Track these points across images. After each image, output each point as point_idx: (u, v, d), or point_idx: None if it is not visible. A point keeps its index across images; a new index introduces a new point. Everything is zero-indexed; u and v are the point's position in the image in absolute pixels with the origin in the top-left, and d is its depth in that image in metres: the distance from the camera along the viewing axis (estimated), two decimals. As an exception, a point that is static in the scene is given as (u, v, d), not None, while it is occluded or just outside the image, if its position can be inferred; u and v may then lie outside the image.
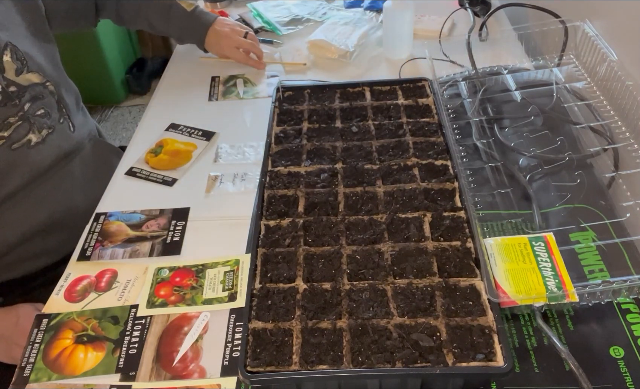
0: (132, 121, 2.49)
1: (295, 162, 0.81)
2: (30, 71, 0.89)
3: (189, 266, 0.76)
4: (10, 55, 0.85)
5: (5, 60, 0.85)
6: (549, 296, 0.61)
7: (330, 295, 0.63)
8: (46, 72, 0.92)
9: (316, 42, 1.17)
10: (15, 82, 0.86)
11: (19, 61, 0.87)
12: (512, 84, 0.93)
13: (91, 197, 0.90)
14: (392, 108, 0.90)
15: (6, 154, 0.85)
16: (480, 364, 0.55)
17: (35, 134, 0.88)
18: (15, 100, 0.86)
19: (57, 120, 0.92)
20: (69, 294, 0.74)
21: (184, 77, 1.19)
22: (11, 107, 0.85)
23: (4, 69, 0.85)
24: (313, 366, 0.57)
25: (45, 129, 0.90)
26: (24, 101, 0.87)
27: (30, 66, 0.88)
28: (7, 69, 0.85)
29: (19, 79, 0.87)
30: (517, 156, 0.83)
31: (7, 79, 0.85)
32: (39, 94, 0.90)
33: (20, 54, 0.87)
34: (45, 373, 0.65)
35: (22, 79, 0.87)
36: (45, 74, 0.91)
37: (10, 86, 0.85)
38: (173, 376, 0.63)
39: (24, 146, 0.87)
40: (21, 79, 0.87)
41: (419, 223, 0.70)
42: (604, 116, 0.84)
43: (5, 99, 0.85)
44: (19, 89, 0.87)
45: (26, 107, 0.87)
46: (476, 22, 1.11)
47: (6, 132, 0.85)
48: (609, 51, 0.86)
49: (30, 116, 0.88)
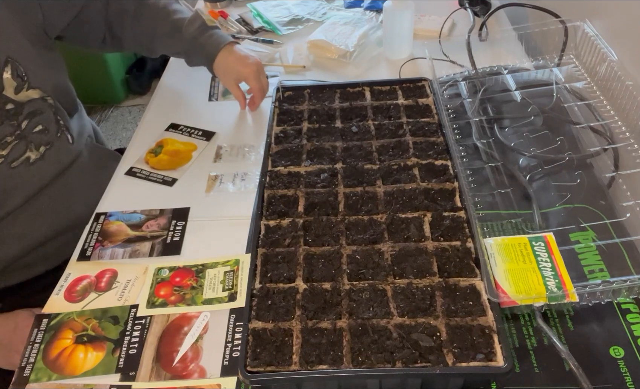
0: (132, 121, 2.49)
1: (295, 162, 0.81)
2: (31, 88, 0.86)
3: (189, 266, 0.76)
4: (10, 72, 0.82)
5: (5, 78, 0.82)
6: (549, 296, 0.61)
7: (330, 295, 0.63)
8: (47, 87, 0.89)
9: (316, 42, 1.17)
10: (14, 100, 0.84)
11: (19, 78, 0.84)
12: (512, 84, 0.93)
13: (91, 203, 0.89)
14: (392, 108, 0.90)
15: (6, 173, 0.84)
16: (480, 364, 0.55)
17: (33, 151, 0.86)
18: (12, 119, 0.84)
19: (55, 134, 0.90)
20: (69, 294, 0.74)
21: (184, 77, 1.18)
22: (8, 126, 0.83)
23: (4, 87, 0.82)
24: (313, 366, 0.57)
25: (44, 146, 0.88)
26: (21, 119, 0.85)
27: (31, 82, 0.86)
28: (7, 86, 0.82)
29: (18, 96, 0.84)
30: (517, 156, 0.83)
31: (5, 97, 0.82)
32: (37, 109, 0.87)
33: (20, 70, 0.84)
34: (45, 373, 0.65)
35: (22, 96, 0.85)
36: (46, 89, 0.88)
37: (8, 104, 0.83)
38: (173, 376, 0.63)
39: (24, 164, 0.85)
40: (20, 96, 0.85)
41: (419, 223, 0.70)
42: (604, 116, 0.84)
43: (2, 118, 0.82)
44: (16, 106, 0.84)
45: (23, 125, 0.85)
46: (476, 22, 1.11)
47: (4, 151, 0.83)
48: (609, 51, 0.86)
49: (27, 134, 0.86)
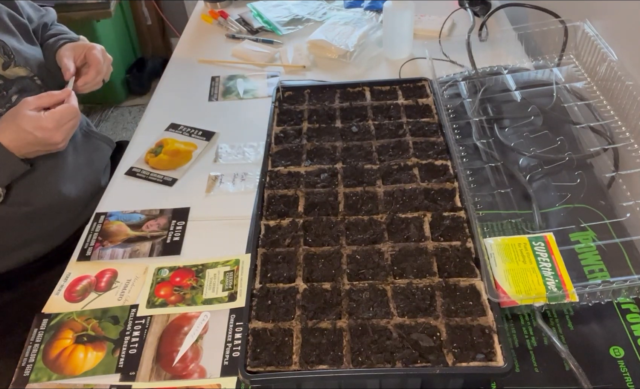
0: (132, 121, 2.49)
1: (295, 162, 0.81)
2: (18, 65, 0.88)
3: (189, 266, 0.76)
4: None
5: None
6: (549, 296, 0.61)
7: (330, 295, 0.63)
8: (33, 68, 0.91)
9: (316, 42, 1.17)
10: (2, 76, 0.86)
11: (7, 55, 0.87)
12: (512, 84, 0.93)
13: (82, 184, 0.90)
14: (392, 108, 0.90)
15: None
16: (480, 364, 0.55)
17: None
18: (2, 92, 0.86)
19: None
20: (69, 294, 0.74)
21: (184, 77, 1.19)
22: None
23: None
24: (313, 366, 0.57)
25: None
26: (11, 93, 0.87)
27: (17, 61, 0.88)
28: None
29: (6, 72, 0.87)
30: (517, 156, 0.83)
31: None
32: (26, 86, 0.90)
33: (8, 48, 0.87)
34: (45, 373, 0.65)
35: (9, 72, 0.87)
36: (33, 69, 0.91)
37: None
38: (173, 376, 0.63)
39: None
40: (8, 72, 0.87)
41: (419, 223, 0.70)
42: (604, 116, 0.84)
43: None
44: (5, 81, 0.87)
45: (14, 99, 0.87)
46: (476, 22, 1.11)
47: None
48: (609, 51, 0.86)
49: None
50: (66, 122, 0.81)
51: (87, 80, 0.91)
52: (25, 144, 0.80)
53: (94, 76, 0.91)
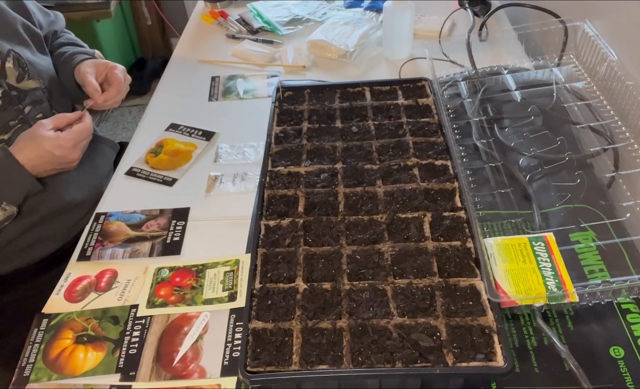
0: (132, 121, 2.49)
1: (295, 162, 0.81)
2: (31, 78, 0.90)
3: (189, 266, 0.76)
4: (12, 62, 0.87)
5: (7, 67, 0.86)
6: (549, 296, 0.61)
7: (330, 295, 0.63)
8: (45, 80, 0.93)
9: (316, 42, 1.17)
10: (17, 88, 0.88)
11: (21, 68, 0.88)
12: (512, 84, 0.93)
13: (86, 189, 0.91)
14: (392, 108, 0.90)
15: None
16: (480, 364, 0.55)
17: None
18: (17, 104, 0.87)
19: None
20: (69, 294, 0.74)
21: (184, 77, 1.19)
22: (12, 111, 0.87)
23: (6, 75, 0.86)
24: (313, 366, 0.57)
25: None
26: (24, 104, 0.89)
27: (31, 73, 0.90)
28: (9, 75, 0.87)
29: (20, 85, 0.88)
30: (517, 156, 0.83)
31: (9, 84, 0.87)
32: (38, 98, 0.92)
33: (23, 61, 0.89)
34: (45, 373, 0.65)
35: (23, 84, 0.89)
36: (45, 81, 0.93)
37: (12, 91, 0.87)
38: (173, 376, 0.63)
39: None
40: (22, 85, 0.89)
41: (419, 223, 0.70)
42: (604, 116, 0.84)
43: (7, 103, 0.86)
44: (19, 93, 0.88)
45: (26, 111, 0.89)
46: (476, 22, 1.11)
47: (5, 135, 0.86)
48: (609, 51, 0.86)
49: (30, 119, 0.89)
50: (82, 140, 0.86)
51: (107, 98, 0.93)
52: (42, 162, 0.83)
53: (114, 94, 0.94)
